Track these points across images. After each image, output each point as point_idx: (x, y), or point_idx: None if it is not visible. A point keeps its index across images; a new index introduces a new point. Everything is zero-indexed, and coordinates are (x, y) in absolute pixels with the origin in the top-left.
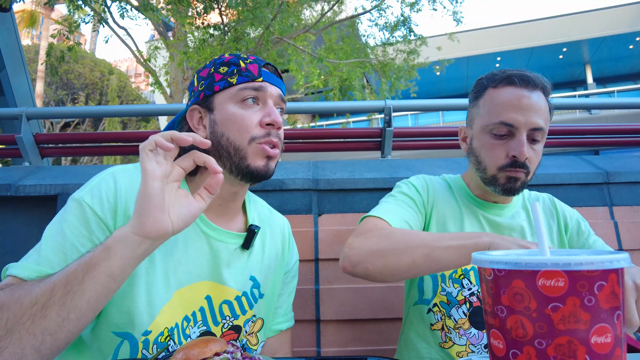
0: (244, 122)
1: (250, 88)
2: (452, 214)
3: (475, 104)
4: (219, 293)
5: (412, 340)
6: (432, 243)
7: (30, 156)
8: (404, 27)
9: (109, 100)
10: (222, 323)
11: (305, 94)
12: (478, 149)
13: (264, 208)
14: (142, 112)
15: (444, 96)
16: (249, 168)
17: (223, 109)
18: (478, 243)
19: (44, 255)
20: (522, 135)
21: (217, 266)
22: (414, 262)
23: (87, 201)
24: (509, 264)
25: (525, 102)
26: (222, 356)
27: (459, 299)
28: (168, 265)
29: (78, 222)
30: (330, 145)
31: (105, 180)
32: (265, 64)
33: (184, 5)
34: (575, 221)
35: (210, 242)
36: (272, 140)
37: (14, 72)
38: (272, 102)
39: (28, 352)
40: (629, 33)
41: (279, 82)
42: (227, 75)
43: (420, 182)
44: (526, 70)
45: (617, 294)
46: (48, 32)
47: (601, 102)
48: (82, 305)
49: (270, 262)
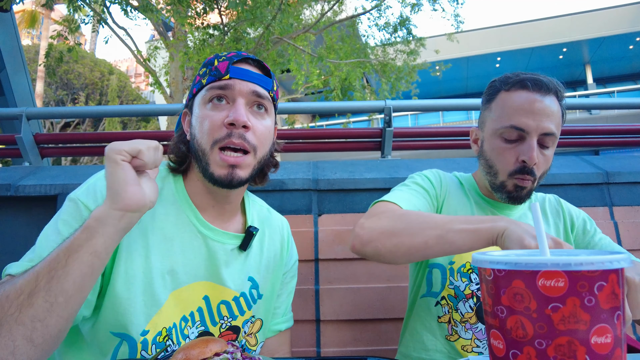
0: (207, 123)
1: (216, 87)
2: (463, 210)
3: (488, 107)
4: (216, 293)
5: (417, 332)
6: (446, 225)
7: (30, 156)
8: (403, 28)
9: (109, 100)
10: (220, 323)
11: (305, 94)
12: (489, 152)
13: (262, 208)
14: (142, 112)
15: (444, 96)
16: (212, 176)
17: (196, 111)
18: (493, 227)
19: (38, 253)
20: (533, 140)
21: (215, 266)
22: (427, 243)
23: (82, 200)
24: (509, 264)
25: (537, 106)
26: (222, 356)
27: (466, 293)
28: (165, 265)
29: (73, 220)
30: (330, 145)
31: (100, 180)
32: (239, 60)
33: (184, 5)
34: (582, 220)
35: (207, 243)
36: (234, 141)
37: (14, 72)
38: (244, 100)
39: (20, 343)
40: (629, 33)
41: (257, 77)
42: (201, 77)
43: (434, 175)
44: (540, 74)
45: (617, 294)
46: (48, 32)
47: (601, 102)
48: (68, 287)
49: (268, 262)
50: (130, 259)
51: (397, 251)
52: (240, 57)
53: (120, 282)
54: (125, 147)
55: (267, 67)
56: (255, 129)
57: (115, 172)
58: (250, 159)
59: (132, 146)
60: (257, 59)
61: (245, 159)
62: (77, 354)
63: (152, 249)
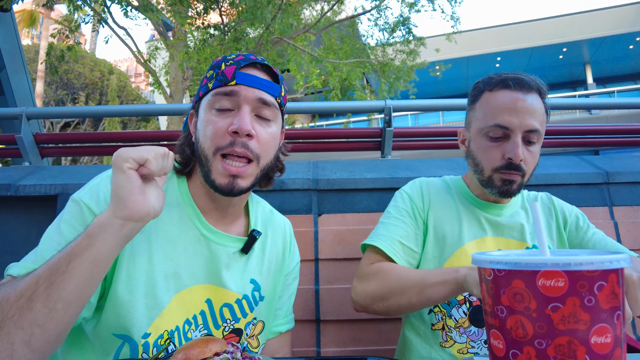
0: (211, 129)
1: (222, 93)
2: (449, 216)
3: (473, 107)
4: (219, 296)
5: (412, 342)
6: (421, 282)
7: (30, 156)
8: (403, 28)
9: (109, 100)
10: (223, 326)
11: (305, 94)
12: (475, 151)
13: (266, 210)
14: (142, 112)
15: (444, 96)
16: (214, 184)
17: (202, 115)
18: (457, 277)
19: (41, 254)
20: (517, 137)
21: (217, 269)
22: (410, 302)
23: (85, 201)
24: (509, 264)
25: (520, 104)
26: (222, 356)
27: (459, 299)
28: (167, 268)
29: (76, 222)
30: (330, 145)
31: (103, 181)
32: (247, 64)
33: (184, 5)
34: (574, 217)
35: (210, 245)
36: (236, 150)
37: (14, 72)
38: (249, 107)
39: (18, 347)
40: (629, 33)
41: (264, 83)
42: (208, 80)
43: (414, 190)
44: (522, 73)
45: (617, 294)
46: (48, 32)
47: (601, 102)
48: (67, 294)
49: (270, 264)
50: (132, 262)
51: (390, 312)
52: (249, 61)
53: (122, 285)
54: (133, 155)
55: (275, 72)
56: (260, 137)
57: (121, 180)
58: (252, 168)
59: (139, 154)
60: (265, 63)
61: (248, 168)
62: (79, 353)
63: (155, 252)
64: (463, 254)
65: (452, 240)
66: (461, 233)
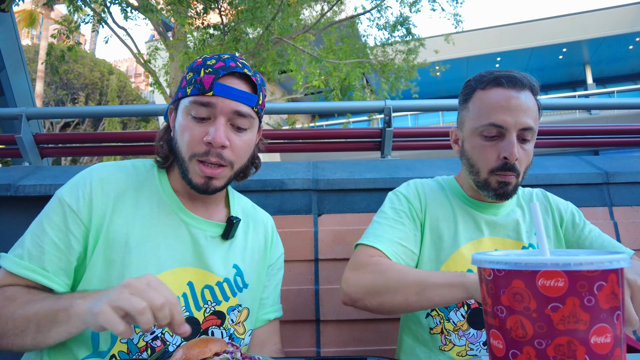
0: (188, 136)
1: (199, 103)
2: (444, 217)
3: (465, 107)
4: (200, 278)
5: (410, 346)
6: (423, 282)
7: (30, 156)
8: (402, 27)
9: (108, 100)
10: (205, 308)
11: (305, 94)
12: (470, 151)
13: (247, 204)
14: (142, 112)
15: (444, 96)
16: (190, 182)
17: (179, 118)
18: (465, 282)
19: (26, 249)
20: (512, 135)
21: (199, 253)
22: (407, 301)
23: (65, 199)
24: (509, 264)
25: (513, 102)
26: (222, 356)
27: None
28: (146, 249)
29: (57, 219)
30: (330, 146)
31: (83, 178)
32: (225, 74)
33: (184, 5)
34: (570, 214)
35: (190, 230)
36: (211, 159)
37: (14, 72)
38: (224, 118)
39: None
40: (629, 33)
41: (241, 95)
42: (187, 84)
43: (410, 191)
44: (513, 70)
45: (617, 294)
46: (48, 32)
47: (601, 102)
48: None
49: (253, 253)
50: (109, 247)
51: (382, 308)
52: (227, 70)
53: (97, 269)
54: (124, 305)
55: (254, 81)
56: (234, 146)
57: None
58: (227, 172)
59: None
60: (244, 72)
61: (222, 171)
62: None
63: (133, 236)
64: (460, 257)
65: (449, 243)
66: (457, 235)
